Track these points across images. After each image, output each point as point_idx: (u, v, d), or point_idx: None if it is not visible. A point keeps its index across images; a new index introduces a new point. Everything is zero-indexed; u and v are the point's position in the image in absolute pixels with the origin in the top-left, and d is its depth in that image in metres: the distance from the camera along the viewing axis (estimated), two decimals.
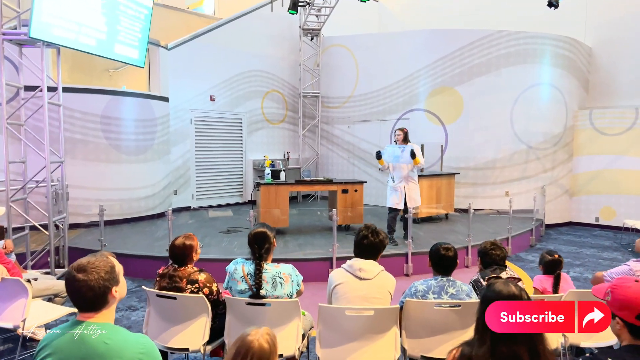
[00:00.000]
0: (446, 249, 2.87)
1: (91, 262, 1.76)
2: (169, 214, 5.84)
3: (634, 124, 9.06)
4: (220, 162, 10.51)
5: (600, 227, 9.53)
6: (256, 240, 2.84)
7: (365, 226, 2.93)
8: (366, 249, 2.85)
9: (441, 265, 2.87)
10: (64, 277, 1.80)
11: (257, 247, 2.83)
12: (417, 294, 2.83)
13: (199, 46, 9.85)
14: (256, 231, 2.88)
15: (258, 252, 2.82)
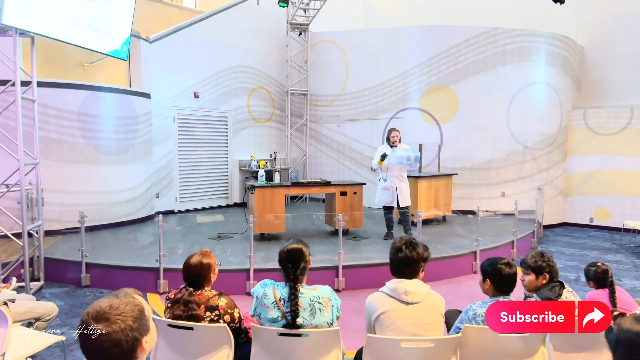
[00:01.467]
0: (508, 266, 2.51)
1: (114, 306, 1.31)
2: (159, 220, 5.31)
3: (628, 123, 9.01)
4: (205, 162, 9.96)
5: (594, 228, 9.45)
6: (290, 259, 2.42)
7: (399, 239, 2.53)
8: (404, 265, 2.45)
9: (502, 284, 2.51)
10: (79, 329, 1.34)
11: (292, 267, 2.40)
12: (477, 319, 2.45)
13: (182, 40, 9.27)
14: (290, 248, 2.45)
15: (292, 272, 2.40)
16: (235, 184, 10.43)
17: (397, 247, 2.44)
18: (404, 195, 6.77)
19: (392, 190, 6.74)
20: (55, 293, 5.34)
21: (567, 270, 6.47)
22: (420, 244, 2.50)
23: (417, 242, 2.49)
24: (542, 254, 2.89)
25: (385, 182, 6.80)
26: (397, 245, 2.46)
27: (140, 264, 5.58)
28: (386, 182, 6.79)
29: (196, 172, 9.81)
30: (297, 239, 2.57)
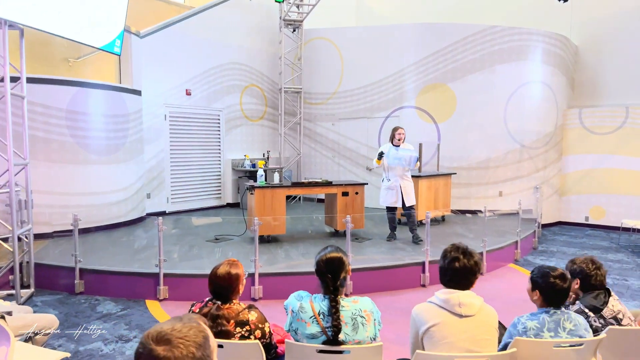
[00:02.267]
0: (562, 279, 2.35)
1: (176, 329, 1.13)
2: (159, 223, 5.05)
3: (624, 122, 9.04)
4: (197, 162, 9.67)
5: (590, 227, 9.48)
6: (330, 268, 2.23)
7: (452, 247, 2.34)
8: (460, 276, 2.27)
9: (554, 297, 2.35)
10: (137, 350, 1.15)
11: (332, 278, 2.21)
12: (529, 333, 2.30)
13: (173, 35, 8.97)
14: (329, 256, 2.26)
15: (333, 283, 2.20)
16: (228, 183, 10.17)
17: (454, 257, 2.25)
18: (408, 195, 6.63)
19: (396, 190, 6.62)
20: (47, 301, 5.04)
21: None
22: (474, 252, 2.32)
23: (472, 250, 2.32)
24: (593, 260, 2.75)
25: (389, 181, 6.66)
26: (453, 255, 2.26)
27: (137, 269, 5.30)
28: (389, 182, 6.65)
29: (188, 171, 9.51)
30: (335, 246, 2.37)
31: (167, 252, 5.86)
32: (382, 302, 5.06)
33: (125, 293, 5.18)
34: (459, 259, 2.25)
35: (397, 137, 6.62)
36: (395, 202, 6.63)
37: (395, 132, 6.70)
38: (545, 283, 2.37)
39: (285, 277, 5.22)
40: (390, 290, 5.48)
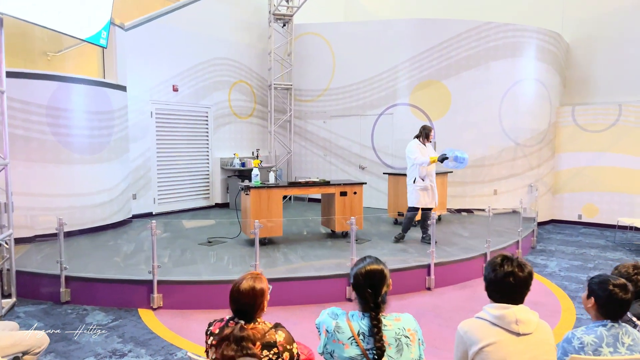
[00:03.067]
0: (623, 290, 2.14)
1: None
2: (152, 226, 4.73)
3: (617, 120, 9.05)
4: (185, 161, 9.31)
5: (583, 225, 9.48)
6: (370, 282, 1.98)
7: (502, 258, 2.10)
8: (514, 290, 2.03)
9: (612, 309, 2.16)
10: None
11: (372, 293, 1.96)
12: (586, 349, 2.10)
13: (159, 28, 8.58)
14: (369, 268, 2.01)
15: (373, 299, 1.96)
16: (216, 183, 9.83)
17: (508, 271, 2.01)
18: (437, 195, 6.62)
19: (432, 191, 6.47)
20: (31, 312, 4.67)
21: (574, 270, 6.33)
22: (527, 263, 2.10)
23: (524, 260, 2.10)
24: (636, 265, 2.57)
25: (423, 182, 6.43)
26: (507, 268, 2.01)
27: (128, 276, 4.97)
28: (424, 183, 6.42)
29: (176, 171, 9.14)
30: (374, 257, 2.12)
31: (158, 257, 5.52)
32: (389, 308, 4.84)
33: (116, 302, 4.84)
34: (514, 272, 2.02)
35: (432, 136, 6.59)
36: (430, 203, 6.48)
37: (430, 132, 6.51)
38: (603, 291, 2.17)
39: (287, 282, 4.96)
40: (396, 294, 5.27)
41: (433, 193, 6.48)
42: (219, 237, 6.80)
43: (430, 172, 6.51)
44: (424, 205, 6.48)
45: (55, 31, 5.04)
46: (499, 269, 2.06)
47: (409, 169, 6.61)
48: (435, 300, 5.12)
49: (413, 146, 6.47)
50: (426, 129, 6.57)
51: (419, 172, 6.44)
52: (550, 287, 5.54)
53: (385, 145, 9.57)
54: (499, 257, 2.10)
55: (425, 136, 6.53)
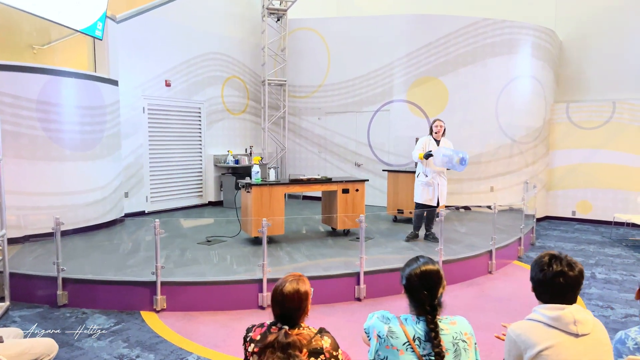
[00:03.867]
0: None
1: None
2: (156, 225, 4.54)
3: (610, 117, 9.13)
4: (178, 158, 9.07)
5: (577, 221, 9.55)
6: (426, 283, 1.86)
7: (551, 257, 1.99)
8: (565, 290, 1.94)
9: None
10: None
11: (428, 295, 1.85)
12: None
13: (151, 21, 8.33)
14: (425, 269, 1.90)
15: (430, 302, 1.85)
16: (209, 181, 9.62)
17: (558, 271, 1.92)
18: (442, 193, 6.36)
19: (434, 187, 6.31)
20: (26, 316, 4.44)
21: None
22: (577, 262, 2.01)
23: (572, 259, 2.01)
24: None
25: (426, 177, 6.33)
26: (556, 268, 1.92)
27: (130, 277, 4.77)
28: (427, 178, 6.32)
29: (168, 168, 8.90)
30: (427, 256, 2.01)
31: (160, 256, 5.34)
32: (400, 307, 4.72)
33: (117, 305, 4.64)
34: (564, 272, 1.93)
35: (435, 129, 6.27)
36: (432, 200, 6.33)
37: (432, 124, 6.36)
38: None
39: None
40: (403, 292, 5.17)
41: (434, 190, 6.34)
42: (218, 236, 6.62)
43: (435, 168, 6.31)
44: (425, 201, 6.39)
45: (49, 21, 4.80)
46: (547, 269, 1.97)
47: (418, 164, 6.55)
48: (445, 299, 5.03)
49: (420, 141, 6.45)
50: (431, 124, 6.49)
51: (422, 166, 6.40)
52: None
53: (382, 142, 9.49)
54: (546, 256, 2.01)
55: (430, 131, 6.46)
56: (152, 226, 4.57)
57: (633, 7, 9.02)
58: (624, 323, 4.38)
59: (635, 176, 8.88)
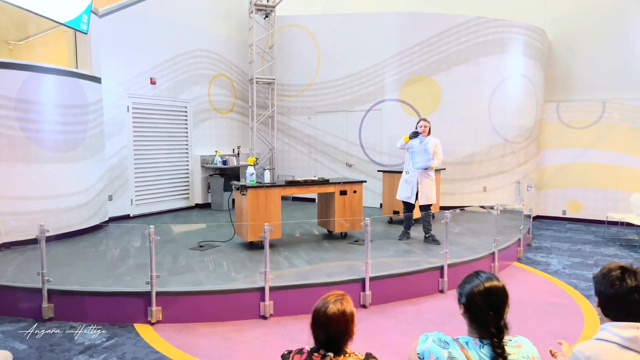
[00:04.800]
0: None
1: None
2: (150, 232, 4.25)
3: (600, 117, 9.18)
4: (164, 159, 8.72)
5: (567, 220, 9.58)
6: (492, 303, 1.66)
7: (621, 270, 1.77)
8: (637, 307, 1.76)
9: None
10: None
11: (494, 315, 1.66)
12: None
13: (135, 15, 7.97)
14: (489, 286, 1.69)
15: (495, 323, 1.65)
16: (196, 182, 9.28)
17: (632, 286, 1.74)
18: (424, 193, 6.26)
19: (412, 185, 6.33)
20: (9, 332, 4.09)
21: (578, 267, 6.28)
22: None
23: None
24: None
25: (407, 174, 6.39)
26: (630, 283, 1.74)
27: (120, 287, 4.46)
28: (407, 175, 6.38)
29: (154, 170, 8.55)
30: (487, 272, 1.81)
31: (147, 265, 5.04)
32: (408, 314, 4.57)
33: (107, 317, 4.32)
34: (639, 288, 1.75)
35: (419, 129, 6.20)
36: (409, 198, 6.37)
37: (417, 123, 6.32)
38: None
39: (297, 290, 4.59)
40: (409, 298, 5.02)
41: (413, 188, 6.31)
42: (211, 241, 6.33)
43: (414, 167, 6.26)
44: (403, 198, 6.46)
45: (31, 12, 4.45)
46: (620, 284, 1.78)
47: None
48: (452, 304, 4.87)
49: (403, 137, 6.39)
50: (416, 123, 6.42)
51: (405, 164, 6.49)
52: (562, 286, 5.43)
53: (374, 142, 9.33)
54: (616, 270, 1.81)
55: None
56: (146, 232, 4.28)
57: (621, 8, 9.08)
58: None
59: (625, 175, 8.94)
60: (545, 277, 5.80)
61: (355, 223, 6.50)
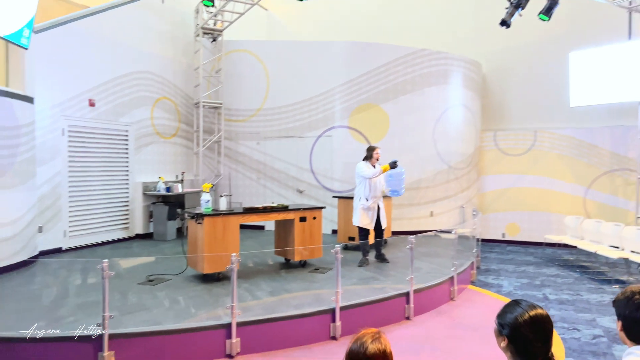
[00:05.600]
0: None
1: None
2: (105, 267, 3.83)
3: (533, 145, 9.84)
4: (101, 186, 8.07)
5: (507, 243, 10.06)
6: (540, 333, 1.58)
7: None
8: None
9: None
10: None
11: (542, 346, 1.57)
12: None
13: (74, 34, 7.44)
14: (534, 314, 1.60)
15: (544, 354, 1.57)
16: (137, 211, 8.68)
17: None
18: (384, 217, 6.65)
19: (374, 211, 6.57)
20: None
21: (528, 288, 6.54)
22: None
23: None
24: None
25: (368, 202, 6.53)
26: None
27: (64, 331, 3.94)
28: (369, 202, 6.53)
29: (91, 198, 7.87)
30: (527, 301, 1.73)
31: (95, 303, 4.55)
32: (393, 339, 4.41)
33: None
34: None
35: (377, 156, 6.55)
36: (370, 224, 6.56)
37: (373, 152, 6.57)
38: None
39: (265, 324, 4.33)
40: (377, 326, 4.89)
41: (374, 214, 6.60)
42: (161, 275, 5.87)
43: (376, 193, 6.62)
44: (365, 225, 6.63)
45: None
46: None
47: (357, 188, 6.73)
48: (421, 330, 4.85)
49: (363, 165, 6.61)
50: (370, 150, 6.70)
51: (365, 192, 6.56)
52: None
53: (325, 168, 9.30)
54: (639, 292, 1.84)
55: (370, 157, 6.65)
56: (99, 267, 3.85)
57: (548, 43, 9.87)
58: (596, 344, 4.48)
59: (557, 199, 9.59)
60: (502, 299, 5.96)
61: (315, 251, 6.35)
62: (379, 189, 6.61)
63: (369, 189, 6.50)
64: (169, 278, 5.74)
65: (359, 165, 6.61)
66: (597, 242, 7.62)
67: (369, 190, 6.50)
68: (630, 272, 7.27)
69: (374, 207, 6.53)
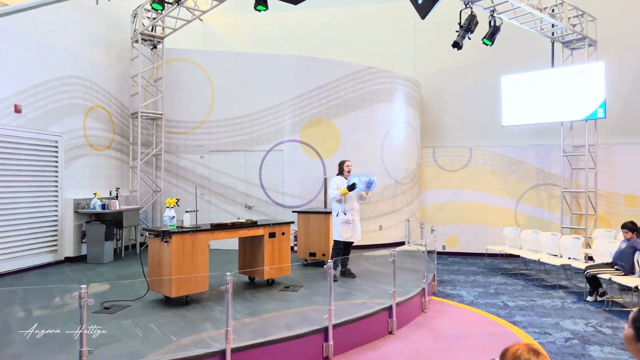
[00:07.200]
0: None
1: None
2: (83, 294, 3.29)
3: (468, 161, 10.45)
4: (25, 204, 7.09)
5: (447, 254, 10.49)
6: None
7: None
8: None
9: None
10: None
11: None
12: None
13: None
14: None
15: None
16: (67, 231, 7.75)
17: None
18: (358, 229, 6.68)
19: (352, 224, 6.58)
20: None
21: (487, 297, 6.82)
22: None
23: None
24: None
25: (345, 215, 6.54)
26: None
27: None
28: (346, 216, 6.54)
29: (13, 219, 6.87)
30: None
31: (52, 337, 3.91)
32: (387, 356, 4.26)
33: None
34: None
35: (347, 169, 6.68)
36: (351, 237, 6.57)
37: (343, 165, 6.75)
38: None
39: (261, 348, 4.00)
40: (363, 344, 4.77)
41: (354, 227, 6.67)
42: (117, 301, 5.22)
43: (352, 206, 6.68)
44: (346, 239, 6.64)
45: None
46: None
47: (333, 203, 6.76)
48: (408, 344, 4.80)
49: (333, 181, 6.71)
50: (340, 164, 6.84)
51: (341, 206, 6.63)
52: (488, 316, 5.80)
53: (276, 182, 9.05)
54: None
55: (341, 171, 6.79)
56: (76, 295, 3.30)
57: (481, 67, 10.60)
58: (571, 346, 4.75)
59: (492, 213, 10.24)
60: (468, 308, 6.14)
61: (284, 268, 6.08)
62: (354, 201, 6.64)
63: (344, 203, 6.55)
64: (128, 304, 5.12)
65: (332, 182, 6.68)
66: (536, 250, 8.21)
67: (345, 204, 6.55)
68: (568, 277, 7.92)
69: (353, 220, 6.57)
